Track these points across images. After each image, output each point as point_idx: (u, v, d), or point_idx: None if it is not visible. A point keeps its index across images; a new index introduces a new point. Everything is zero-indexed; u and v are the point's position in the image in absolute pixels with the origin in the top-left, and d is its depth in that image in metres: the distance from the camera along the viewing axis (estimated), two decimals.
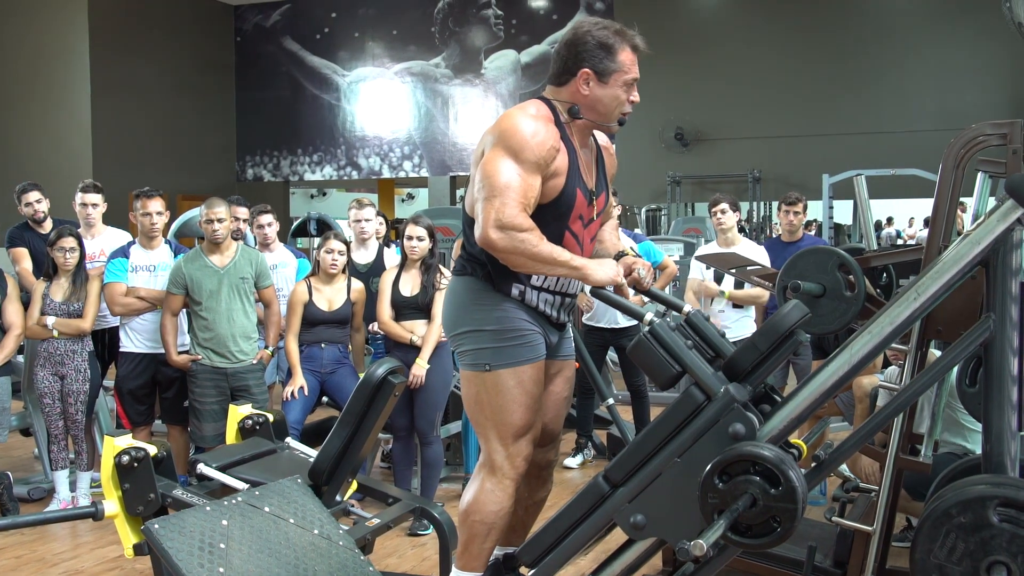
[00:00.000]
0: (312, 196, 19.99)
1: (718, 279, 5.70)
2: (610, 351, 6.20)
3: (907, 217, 17.80)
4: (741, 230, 13.23)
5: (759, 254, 5.53)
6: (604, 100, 2.69)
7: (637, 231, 9.56)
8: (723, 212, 5.75)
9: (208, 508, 2.86)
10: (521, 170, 2.56)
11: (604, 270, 2.64)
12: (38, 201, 5.71)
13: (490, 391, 2.70)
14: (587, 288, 2.72)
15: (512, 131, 2.59)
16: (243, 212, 5.80)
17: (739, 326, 5.57)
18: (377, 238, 5.89)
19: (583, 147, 2.77)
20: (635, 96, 2.72)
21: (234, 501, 2.93)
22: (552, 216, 2.65)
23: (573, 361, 3.00)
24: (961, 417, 3.86)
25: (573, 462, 6.01)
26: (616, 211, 5.70)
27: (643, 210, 13.16)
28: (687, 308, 2.62)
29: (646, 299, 3.50)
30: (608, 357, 6.48)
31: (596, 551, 2.84)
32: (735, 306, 5.66)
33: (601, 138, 2.89)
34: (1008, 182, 2.29)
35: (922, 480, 3.38)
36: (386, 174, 14.29)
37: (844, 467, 4.55)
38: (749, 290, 5.51)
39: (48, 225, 5.68)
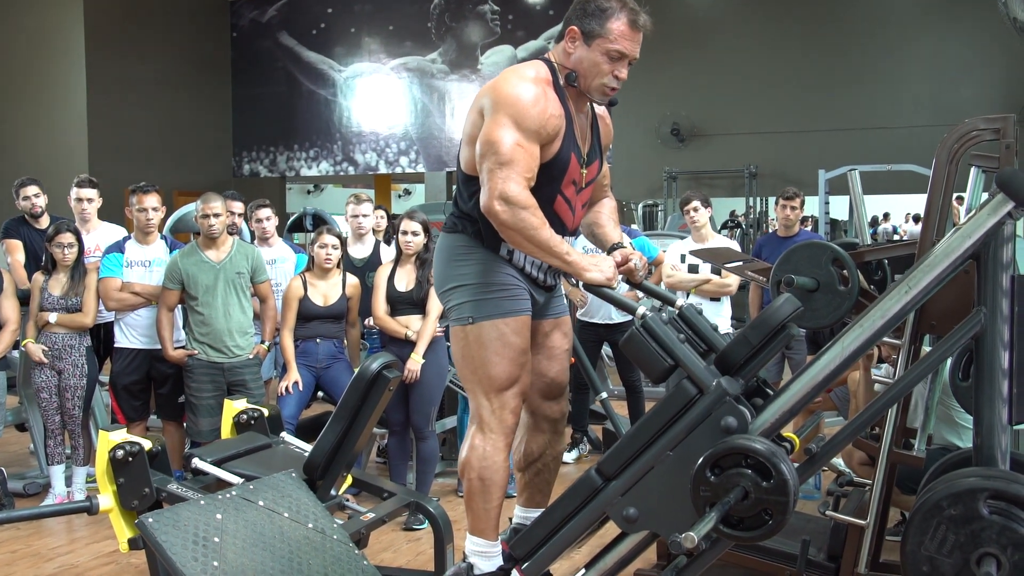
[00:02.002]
0: (308, 192, 19.97)
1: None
2: (606, 347, 6.20)
3: (903, 213, 17.82)
4: (737, 226, 13.31)
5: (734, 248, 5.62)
6: (583, 63, 2.66)
7: (633, 227, 9.56)
8: (695, 210, 5.81)
9: (203, 502, 2.86)
10: (523, 138, 2.56)
11: (599, 270, 2.63)
12: (36, 196, 5.72)
13: (472, 344, 2.69)
14: (581, 283, 2.71)
15: (513, 98, 2.58)
16: (238, 207, 5.80)
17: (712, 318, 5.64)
18: (376, 232, 5.88)
19: (579, 112, 2.75)
20: (620, 72, 2.67)
21: (229, 495, 2.94)
22: (545, 179, 2.65)
23: (568, 316, 2.99)
24: (956, 415, 3.86)
25: (568, 457, 6.00)
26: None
27: (639, 206, 13.16)
28: (680, 302, 2.62)
29: (640, 294, 3.49)
30: (604, 352, 6.48)
31: (590, 544, 2.84)
32: (711, 298, 5.72)
33: (598, 107, 2.87)
34: (998, 176, 2.29)
35: (916, 475, 3.39)
36: (382, 170, 14.28)
37: (840, 462, 4.57)
38: (712, 284, 5.71)
39: (45, 221, 5.68)
